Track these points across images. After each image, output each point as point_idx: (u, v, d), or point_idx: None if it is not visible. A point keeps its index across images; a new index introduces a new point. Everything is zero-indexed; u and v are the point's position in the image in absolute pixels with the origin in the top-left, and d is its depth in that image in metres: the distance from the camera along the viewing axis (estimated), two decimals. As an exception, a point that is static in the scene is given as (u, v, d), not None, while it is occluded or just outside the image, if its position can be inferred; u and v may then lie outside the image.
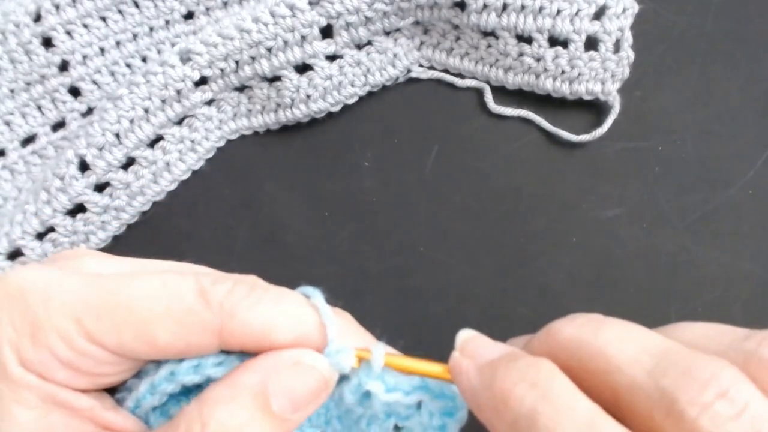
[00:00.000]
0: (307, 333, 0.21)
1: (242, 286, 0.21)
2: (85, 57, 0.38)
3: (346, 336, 0.22)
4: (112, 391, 0.23)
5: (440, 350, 0.28)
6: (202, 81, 0.36)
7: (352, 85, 0.37)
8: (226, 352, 0.22)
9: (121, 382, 0.23)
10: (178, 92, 0.36)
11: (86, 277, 0.21)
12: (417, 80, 0.38)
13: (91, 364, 0.20)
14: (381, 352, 0.22)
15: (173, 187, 0.38)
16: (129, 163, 0.36)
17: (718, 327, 0.19)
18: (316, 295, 0.23)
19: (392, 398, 0.22)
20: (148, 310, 0.20)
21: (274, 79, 0.37)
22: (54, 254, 0.25)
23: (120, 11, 0.38)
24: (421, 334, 0.35)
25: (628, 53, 0.34)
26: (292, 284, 0.36)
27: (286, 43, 0.35)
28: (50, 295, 0.20)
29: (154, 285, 0.21)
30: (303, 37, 0.35)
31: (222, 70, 0.36)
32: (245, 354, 0.22)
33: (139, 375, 0.23)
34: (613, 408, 0.17)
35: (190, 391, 0.23)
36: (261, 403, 0.20)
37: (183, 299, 0.20)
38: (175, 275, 0.21)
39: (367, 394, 0.23)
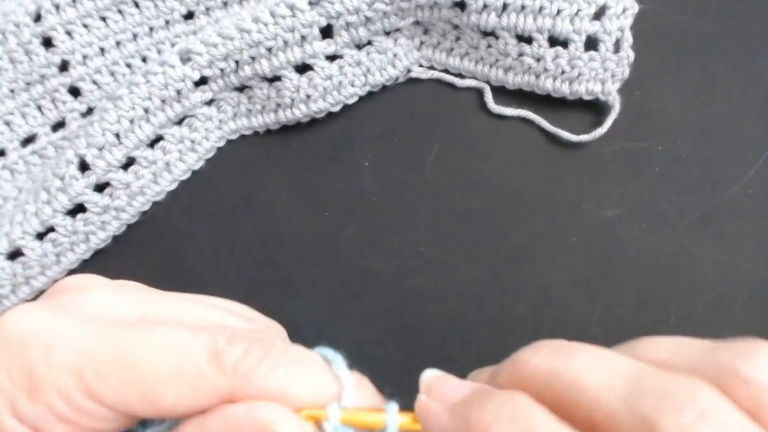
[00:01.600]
0: (322, 403, 0.20)
1: (258, 347, 0.20)
2: (85, 57, 0.38)
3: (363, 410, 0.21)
4: None
5: (440, 350, 0.28)
6: (202, 81, 0.36)
7: (352, 85, 0.37)
8: None
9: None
10: (178, 92, 0.36)
11: (92, 328, 0.20)
12: (417, 80, 0.38)
13: (89, 420, 0.19)
14: (394, 411, 0.20)
15: (173, 187, 0.38)
16: (129, 163, 0.36)
17: (684, 341, 0.18)
18: (338, 361, 0.21)
19: None
20: (157, 372, 0.19)
21: (274, 79, 0.37)
22: (59, 284, 0.23)
23: (120, 11, 0.38)
24: (421, 334, 0.35)
25: (628, 53, 0.34)
26: (292, 284, 0.36)
27: (286, 43, 0.35)
28: (52, 347, 0.19)
29: (165, 344, 0.19)
30: (303, 37, 0.35)
31: (222, 70, 0.36)
32: None
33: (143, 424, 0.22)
34: None
35: None
36: None
37: (195, 362, 0.19)
38: (187, 332, 0.20)
39: None
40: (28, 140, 0.38)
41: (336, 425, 0.20)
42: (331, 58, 0.37)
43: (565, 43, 0.35)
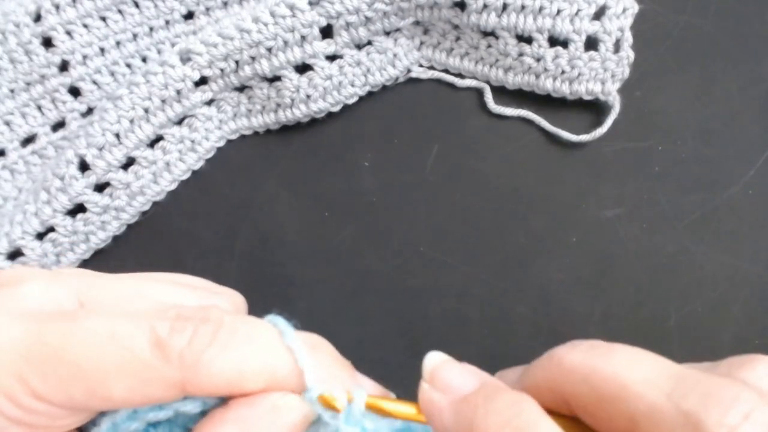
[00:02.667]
0: (280, 378, 0.20)
1: (204, 330, 0.19)
2: (85, 57, 0.38)
3: (324, 373, 0.20)
4: None
5: (440, 350, 0.28)
6: (202, 81, 0.36)
7: (352, 85, 0.37)
8: None
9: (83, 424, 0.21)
10: (178, 92, 0.36)
11: (24, 326, 0.19)
12: (417, 80, 0.38)
13: (43, 419, 0.19)
14: (362, 397, 0.20)
15: (173, 187, 0.38)
16: (129, 163, 0.36)
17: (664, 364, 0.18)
18: (288, 331, 0.21)
19: None
20: (98, 367, 0.18)
21: (274, 79, 0.37)
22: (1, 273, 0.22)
23: (120, 11, 0.38)
24: (421, 334, 0.35)
25: (628, 53, 0.34)
26: (292, 284, 0.36)
27: (286, 43, 0.35)
28: None
29: (103, 336, 0.18)
30: (303, 37, 0.35)
31: (222, 70, 0.36)
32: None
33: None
34: None
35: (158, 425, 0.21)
36: None
37: (137, 353, 0.18)
38: (126, 322, 0.19)
39: None
40: (28, 140, 0.38)
41: (359, 412, 0.20)
42: (331, 58, 0.37)
43: (565, 43, 0.35)
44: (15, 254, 0.35)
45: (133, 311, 0.19)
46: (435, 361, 0.20)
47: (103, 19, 0.38)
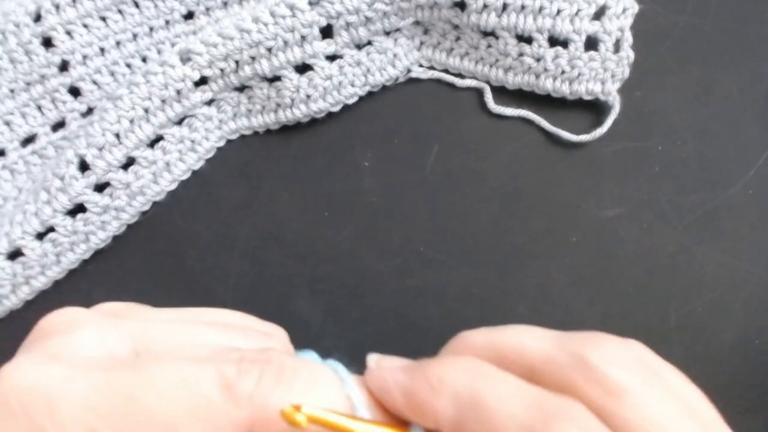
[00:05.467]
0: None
1: (270, 372, 0.20)
2: (85, 57, 0.38)
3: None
4: None
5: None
6: (202, 81, 0.36)
7: (352, 85, 0.37)
8: None
9: None
10: (178, 92, 0.36)
11: (90, 377, 0.19)
12: (417, 80, 0.38)
13: None
14: None
15: (173, 187, 0.38)
16: (129, 163, 0.36)
17: (536, 331, 0.21)
18: (348, 378, 0.21)
19: None
20: (169, 414, 0.18)
21: (274, 79, 0.37)
22: (41, 326, 0.21)
23: (120, 11, 0.38)
24: (421, 334, 0.35)
25: (628, 53, 0.34)
26: (292, 285, 0.36)
27: (286, 43, 0.35)
28: (56, 405, 0.18)
29: (173, 383, 0.19)
30: (303, 37, 0.35)
31: (222, 70, 0.36)
32: None
33: None
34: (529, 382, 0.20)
35: None
36: None
37: (207, 398, 0.18)
38: (193, 366, 0.19)
39: None
40: (28, 140, 0.38)
41: None
42: (331, 58, 0.37)
43: (565, 43, 0.35)
44: (15, 254, 0.35)
45: (197, 356, 0.20)
46: (377, 356, 0.23)
47: (103, 19, 0.38)
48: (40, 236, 0.35)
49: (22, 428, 0.18)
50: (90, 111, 0.38)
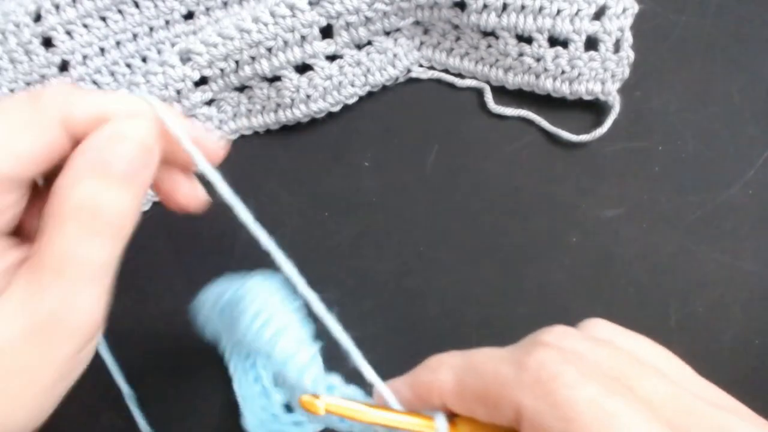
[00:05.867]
0: (141, 112, 0.23)
1: (66, 86, 0.23)
2: (85, 57, 0.38)
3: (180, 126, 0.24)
4: None
5: (440, 350, 0.28)
6: (202, 81, 0.36)
7: (352, 85, 0.37)
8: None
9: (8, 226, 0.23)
10: (178, 92, 0.36)
11: None
12: (417, 80, 0.38)
13: None
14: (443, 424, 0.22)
15: (173, 187, 0.38)
16: (129, 163, 0.36)
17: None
18: (152, 99, 0.24)
19: None
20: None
21: (274, 79, 0.37)
22: None
23: (120, 11, 0.38)
24: (421, 334, 0.35)
25: (628, 53, 0.34)
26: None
27: (286, 43, 0.35)
28: None
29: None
30: (303, 37, 0.35)
31: (222, 70, 0.36)
32: None
33: None
34: (485, 413, 0.20)
35: None
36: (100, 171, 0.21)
37: (20, 106, 0.22)
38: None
39: None
40: (28, 140, 0.38)
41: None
42: (331, 58, 0.37)
43: (565, 43, 0.35)
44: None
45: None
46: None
47: (103, 19, 0.38)
48: (40, 236, 0.35)
49: None
50: (90, 111, 0.38)
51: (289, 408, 0.29)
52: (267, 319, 0.25)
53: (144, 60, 0.39)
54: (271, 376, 0.30)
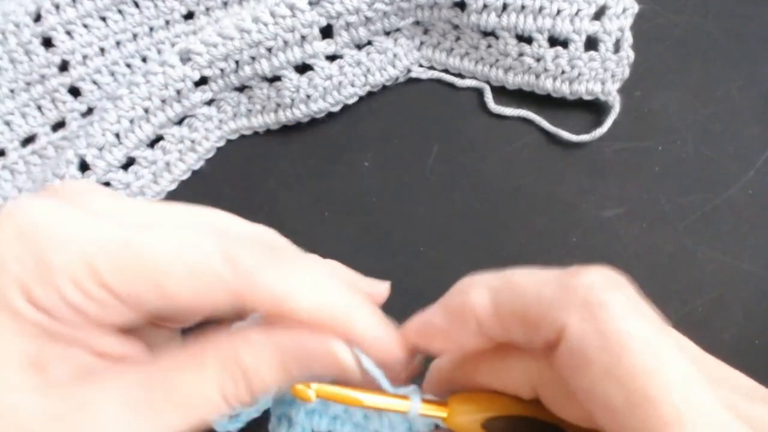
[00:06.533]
0: (328, 312, 0.21)
1: (270, 254, 0.21)
2: (85, 57, 0.38)
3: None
4: None
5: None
6: (202, 81, 0.36)
7: (352, 85, 0.37)
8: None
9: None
10: (178, 92, 0.36)
11: (103, 221, 0.20)
12: (417, 80, 0.38)
13: (97, 309, 0.20)
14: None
15: (173, 187, 0.38)
16: (129, 163, 0.36)
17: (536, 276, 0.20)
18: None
19: None
20: (169, 265, 0.19)
21: (274, 79, 0.37)
22: (61, 185, 0.23)
23: (120, 11, 0.38)
24: (421, 334, 0.35)
25: (628, 53, 0.34)
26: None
27: (286, 43, 0.35)
28: (64, 236, 0.19)
29: (175, 238, 0.20)
30: (303, 37, 0.35)
31: (222, 70, 0.36)
32: None
33: None
34: (523, 329, 0.19)
35: None
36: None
37: (208, 261, 0.20)
38: (197, 232, 0.20)
39: None
40: (28, 140, 0.38)
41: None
42: (331, 58, 0.37)
43: (565, 43, 0.35)
44: None
45: (202, 230, 0.21)
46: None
47: (103, 19, 0.38)
48: (40, 236, 0.35)
49: (29, 250, 0.19)
50: (90, 111, 0.38)
51: None
52: None
53: (144, 60, 0.39)
54: None
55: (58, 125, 0.38)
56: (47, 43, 0.37)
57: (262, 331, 0.20)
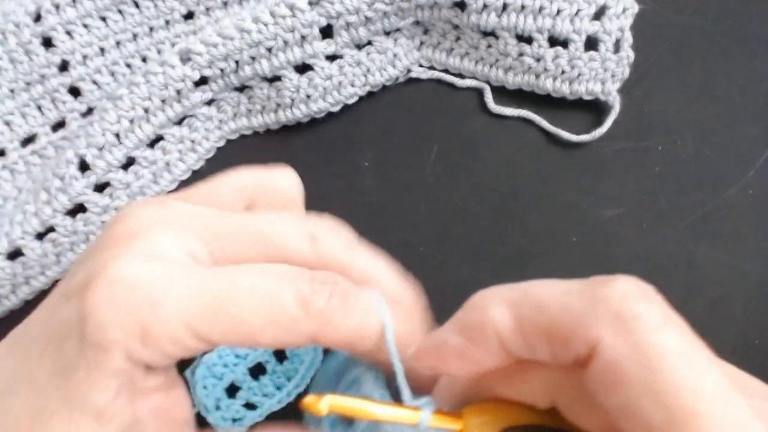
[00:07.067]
0: (382, 344, 0.22)
1: (337, 293, 0.22)
2: (85, 57, 0.38)
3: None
4: None
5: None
6: (202, 81, 0.36)
7: (352, 85, 0.37)
8: None
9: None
10: (178, 92, 0.36)
11: (189, 280, 0.21)
12: (417, 80, 0.38)
13: (189, 354, 0.21)
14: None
15: (173, 187, 0.38)
16: (129, 163, 0.36)
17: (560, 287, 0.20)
18: (385, 309, 0.24)
19: None
20: (254, 317, 0.21)
21: (274, 79, 0.37)
22: (113, 232, 0.23)
23: (120, 11, 0.38)
24: (421, 334, 0.35)
25: (628, 53, 0.34)
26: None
27: (286, 43, 0.35)
28: (159, 301, 0.20)
29: (258, 295, 0.21)
30: (303, 37, 0.35)
31: (222, 70, 0.36)
32: None
33: None
34: (549, 345, 0.19)
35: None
36: None
37: (286, 310, 0.21)
38: (275, 280, 0.22)
39: None
40: (28, 140, 0.38)
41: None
42: (331, 58, 0.37)
43: (565, 43, 0.35)
44: (15, 254, 0.35)
45: (277, 272, 0.22)
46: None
47: (103, 19, 0.38)
48: (40, 236, 0.35)
49: (127, 317, 0.20)
50: (90, 111, 0.38)
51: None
52: None
53: (144, 60, 0.39)
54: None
55: (58, 125, 0.38)
56: (47, 43, 0.37)
57: None
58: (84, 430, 0.20)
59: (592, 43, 0.34)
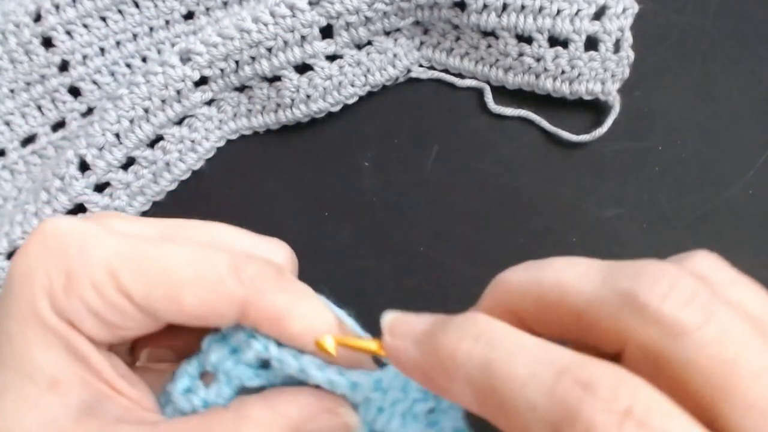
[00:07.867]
0: (319, 332, 0.22)
1: (273, 269, 0.22)
2: (85, 57, 0.38)
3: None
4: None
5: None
6: (202, 81, 0.36)
7: (352, 85, 0.37)
8: (263, 370, 0.23)
9: (135, 338, 0.23)
10: (178, 92, 0.36)
11: (122, 235, 0.22)
12: (417, 80, 0.38)
13: (116, 317, 0.21)
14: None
15: (173, 187, 0.38)
16: (129, 163, 0.36)
17: (591, 265, 0.19)
18: (335, 308, 0.24)
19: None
20: (181, 273, 0.21)
21: (274, 79, 0.37)
22: (84, 215, 0.24)
23: (120, 11, 0.38)
24: (421, 334, 0.35)
25: (628, 53, 0.34)
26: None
27: (286, 43, 0.35)
28: (88, 247, 0.21)
29: (189, 251, 0.22)
30: (303, 37, 0.35)
31: (222, 70, 0.36)
32: (278, 379, 0.22)
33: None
34: (576, 333, 0.18)
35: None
36: None
37: (216, 268, 0.21)
38: (209, 248, 0.22)
39: None
40: (28, 140, 0.38)
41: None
42: (331, 58, 0.37)
43: (565, 43, 0.35)
44: (15, 254, 0.35)
45: (213, 246, 0.23)
46: (391, 318, 0.22)
47: (103, 19, 0.38)
48: (40, 236, 0.35)
49: (55, 260, 0.21)
50: (90, 111, 0.38)
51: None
52: None
53: (144, 60, 0.39)
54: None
55: (58, 125, 0.38)
56: (47, 43, 0.37)
57: (266, 405, 0.21)
58: (39, 401, 0.20)
59: (592, 43, 0.34)
